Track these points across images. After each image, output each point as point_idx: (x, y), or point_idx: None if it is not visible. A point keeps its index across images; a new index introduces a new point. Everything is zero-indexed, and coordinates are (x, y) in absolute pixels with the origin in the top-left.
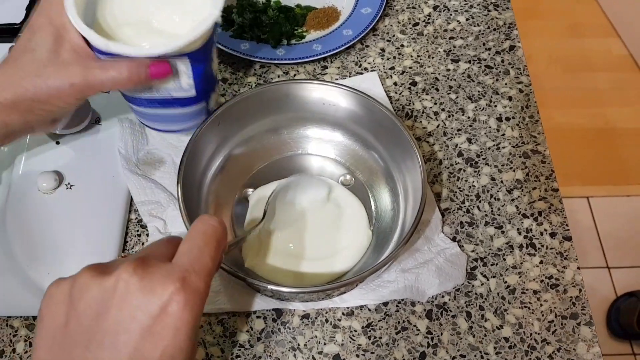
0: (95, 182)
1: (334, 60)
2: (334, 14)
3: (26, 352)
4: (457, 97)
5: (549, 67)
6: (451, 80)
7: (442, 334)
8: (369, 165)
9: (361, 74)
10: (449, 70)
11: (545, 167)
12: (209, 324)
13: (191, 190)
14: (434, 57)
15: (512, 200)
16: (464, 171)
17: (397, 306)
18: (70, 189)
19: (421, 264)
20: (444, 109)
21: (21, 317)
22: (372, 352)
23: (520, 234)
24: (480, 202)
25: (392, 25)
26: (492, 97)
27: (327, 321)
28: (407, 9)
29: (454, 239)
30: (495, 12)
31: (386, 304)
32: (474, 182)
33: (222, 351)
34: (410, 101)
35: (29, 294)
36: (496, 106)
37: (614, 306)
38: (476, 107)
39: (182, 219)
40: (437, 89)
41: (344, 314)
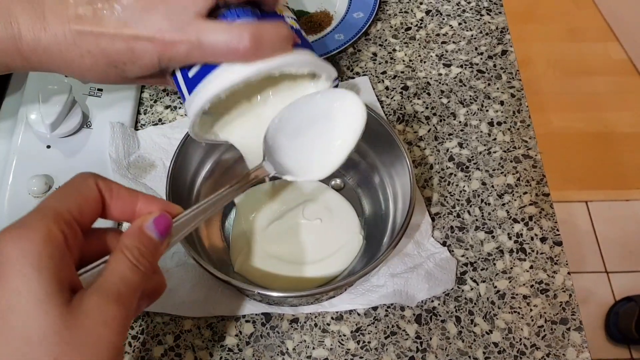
0: None
1: None
2: (326, 19)
3: None
4: (449, 102)
5: (547, 71)
6: (443, 84)
7: (431, 339)
8: (359, 169)
9: (353, 78)
10: (440, 74)
11: (536, 171)
12: (198, 328)
13: (180, 194)
14: (425, 62)
15: (503, 204)
16: (455, 176)
17: (386, 311)
18: None
19: (411, 269)
20: (435, 114)
21: None
22: (361, 357)
23: (510, 238)
24: (470, 206)
25: (384, 29)
26: (483, 101)
27: (316, 325)
28: (399, 13)
29: (444, 244)
30: (487, 17)
31: (375, 308)
32: (464, 186)
33: (211, 355)
34: (401, 105)
35: None
36: (488, 111)
37: (613, 311)
38: (468, 111)
39: None
40: (429, 94)
41: (333, 318)
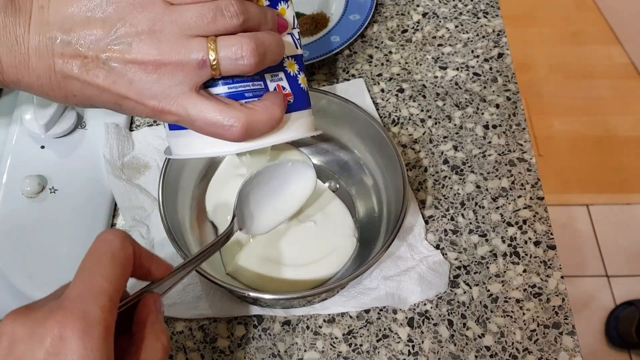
0: (79, 186)
1: (322, 66)
2: (323, 21)
3: None
4: (444, 104)
5: (549, 74)
6: (438, 87)
7: (423, 342)
8: (353, 172)
9: (348, 80)
10: (436, 77)
11: (531, 175)
12: (190, 329)
13: (174, 195)
14: (421, 64)
15: (497, 208)
16: (449, 179)
17: (378, 314)
18: (54, 193)
19: (403, 272)
20: (430, 116)
21: None
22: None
23: (504, 242)
24: (464, 209)
25: (380, 32)
26: (479, 104)
27: (308, 328)
28: (396, 15)
29: (437, 247)
30: (484, 20)
31: (368, 311)
32: (459, 189)
33: (202, 357)
34: (397, 108)
35: (10, 297)
36: (483, 114)
37: (613, 315)
38: (463, 114)
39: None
40: (424, 96)
41: (325, 320)
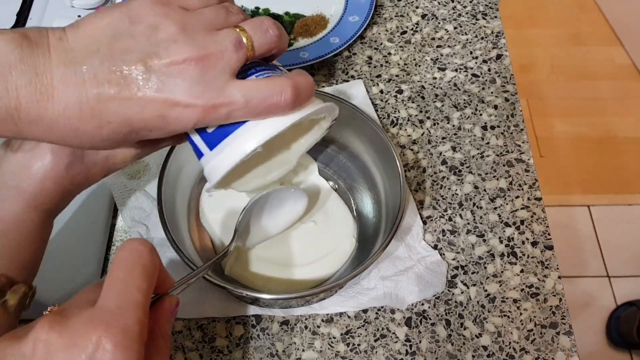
0: None
1: (321, 67)
2: (322, 22)
3: None
4: (443, 106)
5: (551, 75)
6: (437, 88)
7: (420, 342)
8: (352, 173)
9: (347, 81)
10: (435, 78)
11: (529, 175)
12: (189, 329)
13: (173, 196)
14: (420, 65)
15: (495, 208)
16: (448, 179)
17: (376, 313)
18: None
19: (401, 272)
20: (429, 117)
21: None
22: (350, 359)
23: (501, 242)
24: (462, 210)
25: (380, 33)
26: (477, 105)
27: (306, 328)
28: (395, 17)
29: (435, 247)
30: (483, 21)
31: (366, 311)
32: (457, 190)
33: (201, 356)
34: (395, 109)
35: None
36: (481, 115)
37: (614, 315)
38: (461, 115)
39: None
40: (423, 97)
41: (323, 320)
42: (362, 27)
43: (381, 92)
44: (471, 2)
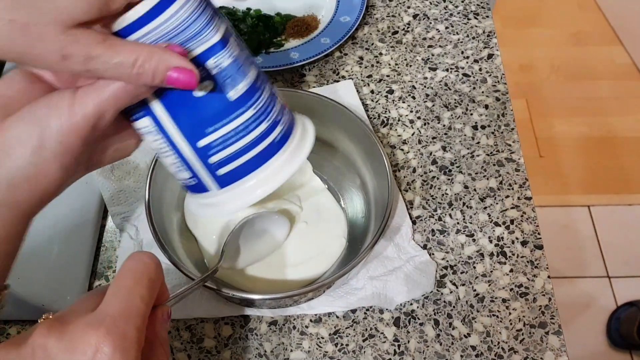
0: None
1: (312, 68)
2: (314, 23)
3: None
4: (434, 105)
5: (551, 75)
6: (428, 88)
7: (409, 342)
8: (342, 173)
9: (338, 81)
10: (426, 78)
11: (519, 175)
12: (177, 329)
13: (161, 197)
14: (411, 66)
15: (485, 208)
16: (438, 179)
17: (365, 313)
18: None
19: (390, 272)
20: (419, 117)
21: None
22: (339, 359)
23: (491, 242)
24: (452, 210)
25: (371, 33)
26: (468, 105)
27: (294, 328)
28: (387, 17)
29: (424, 247)
30: (474, 21)
31: (354, 311)
32: (447, 190)
33: (189, 357)
34: (386, 109)
35: None
36: (472, 114)
37: (614, 316)
38: (452, 115)
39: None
40: (414, 97)
41: (311, 320)
42: (353, 27)
43: (372, 92)
44: (463, 2)
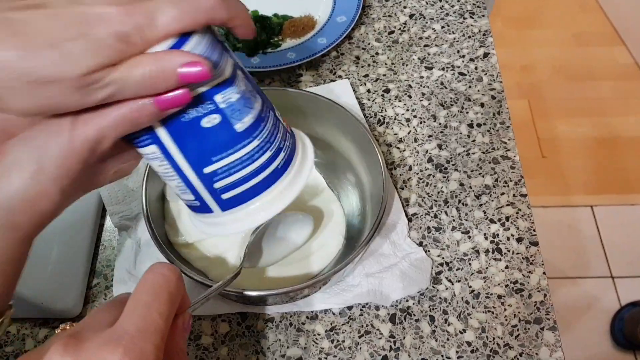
0: None
1: (309, 68)
2: (310, 23)
3: None
4: (430, 104)
5: (552, 76)
6: (424, 87)
7: (404, 338)
8: (338, 172)
9: (334, 81)
10: (422, 77)
11: (514, 172)
12: None
13: (160, 196)
14: (408, 65)
15: (480, 205)
16: (433, 177)
17: (361, 310)
18: None
19: (386, 269)
20: (415, 116)
21: None
22: (335, 356)
23: (486, 239)
24: (448, 207)
25: (367, 33)
26: (464, 103)
27: (291, 325)
28: (383, 17)
29: (420, 244)
30: (470, 20)
31: (350, 307)
32: (442, 187)
33: (187, 354)
34: (382, 108)
35: None
36: (468, 112)
37: (618, 316)
38: (448, 113)
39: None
40: (410, 96)
41: (308, 317)
42: (349, 27)
43: (368, 91)
44: (459, 1)
